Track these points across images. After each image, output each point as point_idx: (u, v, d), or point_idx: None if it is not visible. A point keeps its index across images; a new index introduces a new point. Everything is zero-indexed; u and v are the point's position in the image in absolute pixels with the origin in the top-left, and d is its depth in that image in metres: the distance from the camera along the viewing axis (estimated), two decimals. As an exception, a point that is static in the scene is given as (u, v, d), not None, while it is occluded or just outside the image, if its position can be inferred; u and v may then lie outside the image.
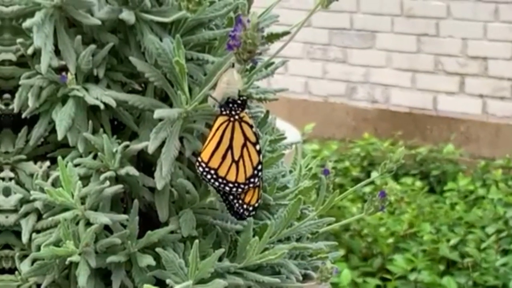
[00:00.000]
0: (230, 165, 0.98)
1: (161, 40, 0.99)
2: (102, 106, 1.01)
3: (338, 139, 4.30)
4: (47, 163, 1.05)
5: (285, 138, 1.20)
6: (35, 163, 1.06)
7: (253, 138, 0.99)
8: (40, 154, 1.07)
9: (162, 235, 1.02)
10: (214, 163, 0.98)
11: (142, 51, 1.02)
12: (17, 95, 1.04)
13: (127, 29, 1.02)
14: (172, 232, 1.03)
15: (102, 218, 0.99)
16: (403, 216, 3.25)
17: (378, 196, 1.15)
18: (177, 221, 1.04)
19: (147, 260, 1.01)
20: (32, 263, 1.02)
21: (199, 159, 0.98)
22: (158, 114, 0.97)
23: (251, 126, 0.99)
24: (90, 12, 1.01)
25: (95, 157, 1.02)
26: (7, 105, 1.06)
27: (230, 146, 0.98)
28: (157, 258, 1.01)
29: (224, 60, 1.00)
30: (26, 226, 1.03)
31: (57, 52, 1.01)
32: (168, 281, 0.99)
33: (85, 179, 1.02)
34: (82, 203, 1.00)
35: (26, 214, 1.04)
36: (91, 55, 1.02)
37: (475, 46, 4.06)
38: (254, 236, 1.07)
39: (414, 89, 4.26)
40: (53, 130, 1.04)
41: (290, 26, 1.04)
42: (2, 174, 1.06)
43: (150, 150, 0.98)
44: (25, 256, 1.04)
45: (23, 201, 1.04)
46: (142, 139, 1.03)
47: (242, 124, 0.98)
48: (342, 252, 2.91)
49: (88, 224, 1.00)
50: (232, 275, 1.05)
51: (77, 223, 1.01)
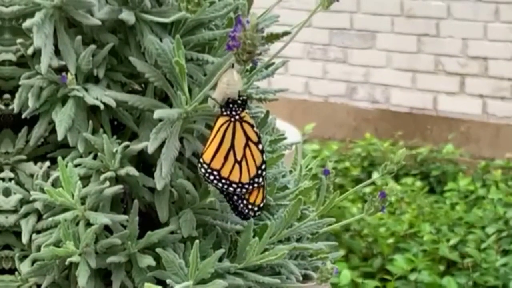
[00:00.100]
0: (233, 165, 0.98)
1: (161, 40, 0.99)
2: (102, 106, 1.01)
3: (338, 139, 4.30)
4: (47, 164, 1.05)
5: (285, 139, 1.19)
6: (35, 164, 1.06)
7: (255, 138, 0.98)
8: (40, 154, 1.07)
9: (162, 236, 1.02)
10: (216, 164, 0.98)
11: (142, 51, 1.02)
12: (17, 96, 1.04)
13: (127, 29, 1.02)
14: (172, 232, 1.03)
15: (102, 219, 0.99)
16: (403, 216, 3.25)
17: (378, 196, 1.15)
18: (177, 221, 1.04)
19: (147, 260, 1.01)
20: (32, 264, 1.02)
21: (201, 160, 0.98)
22: (158, 114, 0.96)
23: (252, 126, 0.98)
24: (90, 12, 1.01)
25: (95, 157, 1.02)
26: (7, 105, 1.06)
27: (232, 147, 0.97)
28: (157, 258, 1.01)
29: (224, 60, 1.00)
30: (26, 226, 1.03)
31: (57, 52, 1.01)
32: (168, 281, 0.99)
33: (85, 180, 1.02)
34: (82, 204, 1.00)
35: (26, 215, 1.04)
36: (91, 55, 1.02)
37: (476, 46, 4.06)
38: (254, 236, 1.07)
39: (414, 89, 4.26)
40: (53, 131, 1.04)
41: (290, 26, 1.04)
42: (2, 175, 1.06)
43: (150, 150, 0.98)
44: (25, 256, 1.04)
45: (23, 201, 1.04)
46: (142, 140, 1.03)
47: (243, 124, 0.98)
48: (342, 252, 2.90)
49: (88, 224, 1.00)
50: (232, 276, 1.05)
51: (77, 224, 1.01)
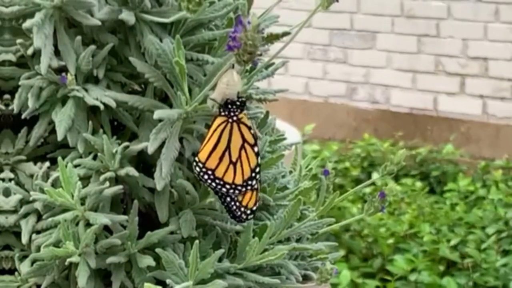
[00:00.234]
0: (228, 166, 0.98)
1: (161, 40, 0.99)
2: (102, 107, 1.01)
3: (338, 140, 4.30)
4: (47, 164, 1.05)
5: (285, 139, 1.19)
6: (35, 164, 1.06)
7: (251, 140, 0.98)
8: (40, 154, 1.07)
9: (162, 236, 1.02)
10: (211, 164, 0.98)
11: (142, 52, 1.02)
12: (17, 96, 1.04)
13: (127, 29, 1.02)
14: (172, 232, 1.03)
15: (102, 219, 0.99)
16: (403, 216, 3.25)
17: (378, 196, 1.15)
18: (177, 221, 1.04)
19: (147, 260, 1.01)
20: (32, 264, 1.02)
21: (196, 159, 0.98)
22: (158, 114, 0.96)
23: (250, 128, 0.98)
24: (90, 12, 1.01)
25: (95, 157, 1.02)
26: (7, 105, 1.06)
27: (228, 147, 0.97)
28: (157, 258, 1.01)
29: (224, 61, 1.00)
30: (26, 226, 1.03)
31: (57, 52, 1.01)
32: (168, 281, 0.99)
33: (85, 180, 1.02)
34: (82, 204, 1.00)
35: (26, 215, 1.04)
36: (91, 56, 1.02)
37: (476, 46, 4.06)
38: (254, 236, 1.07)
39: (414, 89, 4.26)
40: (53, 131, 1.03)
41: (290, 26, 1.04)
42: (2, 175, 1.06)
43: (150, 150, 0.98)
44: (25, 256, 1.04)
45: (23, 201, 1.04)
46: (142, 140, 1.03)
47: (240, 125, 0.97)
48: (342, 252, 2.90)
49: (88, 224, 1.00)
50: (232, 276, 1.05)
51: (77, 224, 1.01)
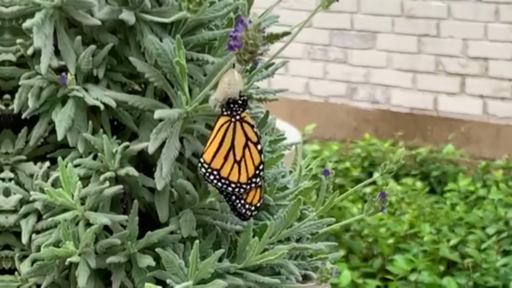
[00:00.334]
0: (232, 165, 0.98)
1: (161, 40, 0.99)
2: (102, 107, 1.01)
3: (338, 140, 4.30)
4: (47, 164, 1.05)
5: (285, 139, 1.19)
6: (35, 164, 1.06)
7: (254, 138, 0.99)
8: (40, 154, 1.07)
9: (162, 236, 1.02)
10: (216, 164, 0.98)
11: (142, 52, 1.02)
12: (17, 96, 1.04)
13: (127, 29, 1.02)
14: (172, 232, 1.03)
15: (102, 219, 0.99)
16: (404, 216, 3.25)
17: (378, 196, 1.15)
18: (177, 221, 1.04)
19: (147, 260, 1.01)
20: (32, 264, 1.02)
21: (202, 160, 0.98)
22: (158, 114, 0.96)
23: (253, 126, 0.99)
24: (90, 12, 1.01)
25: (95, 157, 1.02)
26: (7, 105, 1.06)
27: (232, 147, 0.98)
28: (157, 258, 1.01)
29: (224, 60, 1.00)
30: (26, 226, 1.03)
31: (57, 52, 1.01)
32: (168, 281, 0.99)
33: (85, 180, 1.02)
34: (82, 204, 1.00)
35: (26, 215, 1.04)
36: (91, 56, 1.02)
37: (476, 46, 4.06)
38: (254, 236, 1.07)
39: (414, 89, 4.26)
40: (53, 131, 1.04)
41: (290, 26, 1.04)
42: (2, 175, 1.06)
43: (151, 150, 0.98)
44: (25, 256, 1.04)
45: (23, 201, 1.04)
46: (142, 140, 1.03)
47: (244, 124, 0.98)
48: (342, 252, 2.90)
49: (88, 224, 1.00)
50: (232, 276, 1.05)
51: (77, 224, 1.01)
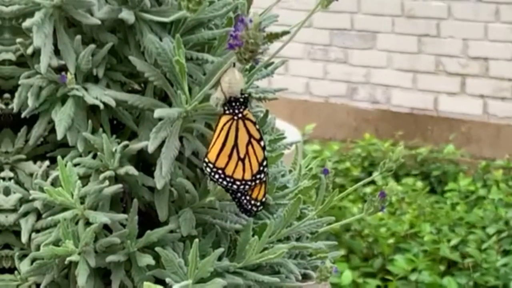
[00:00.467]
0: (237, 163, 0.98)
1: (160, 39, 0.99)
2: (101, 106, 1.01)
3: (339, 140, 4.30)
4: (47, 163, 1.05)
5: (284, 138, 1.20)
6: (35, 163, 1.06)
7: (257, 135, 0.99)
8: (39, 153, 1.07)
9: (161, 235, 1.02)
10: (221, 163, 0.98)
11: (142, 51, 1.02)
12: (16, 95, 1.04)
13: (127, 28, 1.02)
14: (171, 231, 1.03)
15: (102, 218, 0.99)
16: (404, 216, 3.25)
17: (378, 196, 1.15)
18: (176, 220, 1.04)
19: (147, 259, 1.01)
20: (31, 263, 1.02)
21: (206, 160, 0.99)
22: (158, 113, 0.97)
23: (255, 123, 0.99)
24: (89, 12, 1.01)
25: (95, 156, 1.02)
26: (7, 104, 1.06)
27: (236, 145, 0.98)
28: (156, 257, 1.01)
29: (224, 60, 1.00)
30: (26, 225, 1.03)
31: (56, 52, 1.01)
32: (167, 280, 0.99)
33: (84, 179, 1.02)
34: (82, 203, 1.00)
35: (25, 214, 1.04)
36: (91, 55, 1.02)
37: (476, 46, 4.06)
38: (253, 235, 1.07)
39: (415, 89, 4.26)
40: (52, 130, 1.04)
41: (289, 26, 1.04)
42: (2, 174, 1.06)
43: (151, 149, 0.98)
44: (24, 255, 1.04)
45: (23, 200, 1.04)
46: (142, 139, 1.03)
47: (246, 121, 0.98)
48: (342, 252, 2.90)
49: (87, 223, 1.00)
50: (231, 275, 1.05)
51: (76, 223, 1.01)
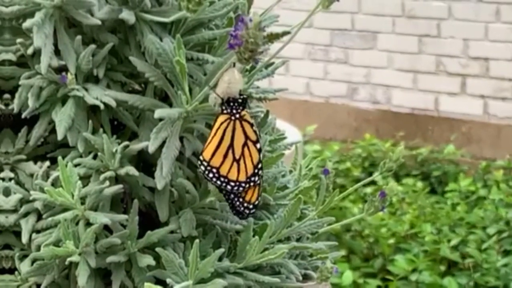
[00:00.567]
0: (232, 163, 0.98)
1: (161, 40, 0.99)
2: (102, 106, 1.01)
3: (339, 140, 4.30)
4: (47, 163, 1.05)
5: (285, 138, 1.19)
6: (35, 163, 1.06)
7: (253, 137, 0.99)
8: (40, 154, 1.07)
9: (162, 235, 1.02)
10: (215, 162, 0.98)
11: (142, 51, 1.02)
12: (17, 95, 1.04)
13: (127, 29, 1.02)
14: (172, 232, 1.03)
15: (102, 218, 0.99)
16: (404, 216, 3.25)
17: (378, 196, 1.15)
18: (177, 221, 1.04)
19: (147, 260, 1.01)
20: (32, 263, 1.02)
21: (201, 158, 0.98)
22: (158, 114, 0.97)
23: (252, 125, 0.99)
24: (90, 12, 1.01)
25: (95, 157, 1.02)
26: (7, 105, 1.06)
27: (231, 145, 0.98)
28: (157, 258, 1.01)
29: (224, 60, 1.00)
30: (26, 226, 1.03)
31: (57, 52, 1.01)
32: (168, 281, 0.99)
33: (85, 179, 1.02)
34: (82, 203, 1.00)
35: (26, 214, 1.04)
36: (91, 55, 1.02)
37: (477, 46, 4.06)
38: (254, 236, 1.07)
39: (415, 89, 4.26)
40: (53, 130, 1.04)
41: (290, 27, 1.04)
42: (2, 174, 1.06)
43: (151, 150, 0.98)
44: (25, 256, 1.04)
45: (23, 201, 1.04)
46: (142, 139, 1.03)
47: (243, 122, 0.98)
48: (343, 252, 2.90)
49: (88, 224, 1.00)
50: (232, 275, 1.05)
51: (77, 223, 1.01)
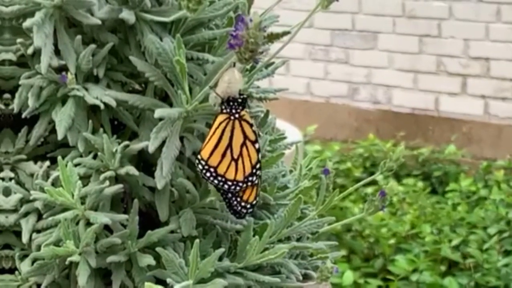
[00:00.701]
0: (230, 163, 0.98)
1: (161, 39, 0.99)
2: (102, 106, 1.01)
3: (340, 140, 4.30)
4: (47, 163, 1.05)
5: (285, 138, 1.19)
6: (35, 163, 1.06)
7: (252, 137, 0.99)
8: (40, 154, 1.08)
9: (162, 235, 1.02)
10: (213, 161, 0.98)
11: (142, 51, 1.02)
12: (17, 95, 1.04)
13: (127, 28, 1.02)
14: (172, 231, 1.03)
15: (102, 218, 0.99)
16: (405, 217, 3.24)
17: (378, 195, 1.15)
18: (177, 220, 1.04)
19: (147, 259, 1.01)
20: (32, 263, 1.02)
21: (199, 157, 0.99)
22: (158, 113, 0.97)
23: (251, 125, 0.99)
24: (90, 12, 1.01)
25: (95, 157, 1.02)
26: (7, 105, 1.06)
27: (230, 145, 0.98)
28: (157, 257, 1.01)
29: (224, 59, 1.00)
30: (26, 226, 1.03)
31: (57, 52, 1.01)
32: (168, 280, 0.99)
33: (85, 179, 1.02)
34: (82, 203, 1.00)
35: (26, 214, 1.04)
36: (91, 55, 1.02)
37: (477, 47, 4.06)
38: (254, 235, 1.07)
39: (416, 90, 4.26)
40: (53, 130, 1.04)
41: (291, 27, 1.04)
42: (2, 174, 1.06)
43: (151, 149, 0.98)
44: (25, 256, 1.04)
45: (23, 201, 1.05)
46: (142, 139, 1.03)
47: (242, 122, 0.98)
48: (343, 252, 2.90)
49: (88, 224, 1.00)
50: (232, 275, 1.05)
51: (77, 223, 1.01)
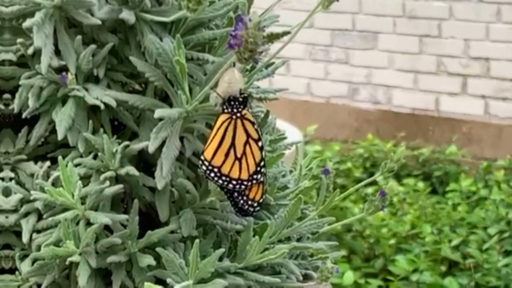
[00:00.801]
0: (233, 162, 0.98)
1: (161, 40, 0.99)
2: (102, 106, 1.01)
3: (340, 140, 4.30)
4: (48, 163, 1.05)
5: (285, 138, 1.20)
6: (36, 163, 1.06)
7: (255, 135, 0.99)
8: (40, 154, 1.08)
9: (162, 235, 1.02)
10: (217, 161, 0.98)
11: (142, 51, 1.02)
12: (17, 95, 1.04)
13: (127, 29, 1.02)
14: (172, 232, 1.03)
15: (103, 218, 0.99)
16: (405, 217, 3.24)
17: (378, 195, 1.15)
18: (177, 221, 1.04)
19: (148, 260, 1.01)
20: (32, 263, 1.02)
21: (202, 158, 0.99)
22: (158, 113, 0.97)
23: (253, 123, 0.99)
24: (90, 12, 1.01)
25: (95, 157, 1.03)
26: (7, 105, 1.06)
27: (233, 144, 0.98)
28: (157, 258, 1.01)
29: (224, 60, 1.00)
30: (27, 226, 1.03)
31: (57, 52, 1.01)
32: (168, 280, 0.99)
33: (85, 179, 1.02)
34: (83, 203, 1.00)
35: (26, 214, 1.04)
36: (91, 55, 1.02)
37: (477, 47, 4.06)
38: (254, 236, 1.07)
39: (416, 90, 4.26)
40: (53, 130, 1.04)
41: (291, 27, 1.04)
42: (2, 174, 1.06)
43: (151, 150, 0.98)
44: (25, 256, 1.04)
45: (24, 201, 1.05)
46: (142, 139, 1.03)
47: (244, 121, 0.98)
48: (344, 252, 2.90)
49: (88, 224, 1.00)
50: (232, 275, 1.05)
51: (77, 223, 1.01)
